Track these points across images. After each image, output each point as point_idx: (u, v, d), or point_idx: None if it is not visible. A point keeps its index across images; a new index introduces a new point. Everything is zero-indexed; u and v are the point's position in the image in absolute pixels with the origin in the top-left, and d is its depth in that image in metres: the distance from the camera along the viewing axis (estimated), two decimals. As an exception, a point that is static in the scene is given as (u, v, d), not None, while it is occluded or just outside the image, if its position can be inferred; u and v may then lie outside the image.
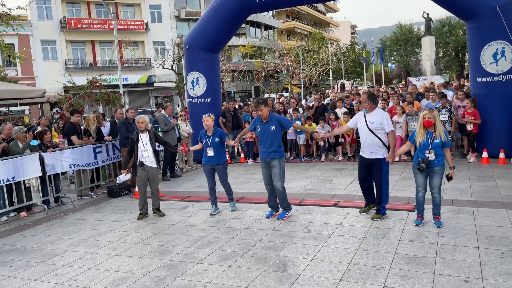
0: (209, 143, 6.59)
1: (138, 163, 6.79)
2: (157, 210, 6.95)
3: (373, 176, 5.77)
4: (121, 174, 7.13)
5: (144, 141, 6.78)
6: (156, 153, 6.88)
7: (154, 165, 6.85)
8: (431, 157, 5.17)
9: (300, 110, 11.75)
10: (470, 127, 9.23)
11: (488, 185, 7.20)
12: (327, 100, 16.56)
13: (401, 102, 10.58)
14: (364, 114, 5.76)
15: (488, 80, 9.21)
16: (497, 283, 3.79)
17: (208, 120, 6.63)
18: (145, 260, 5.00)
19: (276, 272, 4.40)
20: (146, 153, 6.75)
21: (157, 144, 7.00)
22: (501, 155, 8.84)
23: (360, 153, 5.90)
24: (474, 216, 5.67)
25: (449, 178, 5.23)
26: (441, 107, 9.49)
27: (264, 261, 4.70)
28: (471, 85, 10.11)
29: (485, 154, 9.02)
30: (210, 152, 6.57)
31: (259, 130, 6.12)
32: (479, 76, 9.36)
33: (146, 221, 6.67)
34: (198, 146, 6.93)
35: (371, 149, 5.65)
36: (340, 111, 11.19)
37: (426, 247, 4.73)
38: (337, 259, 4.61)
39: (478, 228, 5.19)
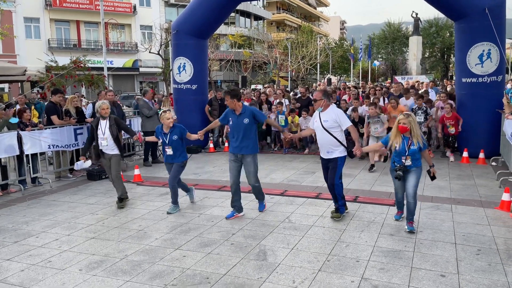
0: (167, 142, 6.04)
1: (99, 151, 6.48)
2: (118, 201, 6.50)
3: (328, 175, 5.56)
4: (79, 160, 6.60)
5: (103, 128, 6.38)
6: (118, 140, 6.45)
7: (115, 152, 6.46)
8: (408, 162, 5.00)
9: (286, 101, 11.68)
10: (452, 130, 9.20)
11: (467, 184, 7.32)
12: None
13: (386, 100, 10.62)
14: (319, 113, 5.50)
15: (472, 81, 9.33)
16: (472, 279, 3.85)
17: (170, 118, 6.03)
18: (123, 244, 4.92)
19: (255, 260, 4.38)
20: (105, 142, 6.35)
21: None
22: (481, 155, 9.00)
23: (320, 154, 5.69)
24: (452, 213, 5.75)
25: (432, 177, 5.10)
26: (417, 108, 9.40)
27: (244, 249, 4.68)
28: (456, 85, 10.23)
29: (465, 154, 9.16)
30: (169, 151, 6.04)
31: (231, 122, 5.70)
32: (464, 77, 9.48)
33: (126, 205, 6.56)
34: (153, 138, 6.53)
35: (327, 148, 5.44)
36: None
37: (404, 241, 4.78)
38: (317, 249, 4.62)
39: (456, 225, 5.27)
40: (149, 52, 25.98)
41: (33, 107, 11.19)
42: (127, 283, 3.94)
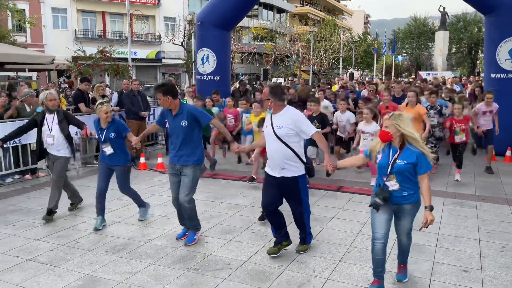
0: (103, 138, 5.10)
1: (43, 150, 5.49)
2: (47, 213, 5.40)
3: (288, 202, 4.27)
4: None
5: (50, 123, 5.38)
6: (68, 138, 5.47)
7: (62, 154, 5.44)
8: (393, 185, 3.33)
9: None
10: (461, 138, 7.12)
11: (493, 181, 7.18)
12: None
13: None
14: (271, 116, 4.19)
15: (502, 76, 9.10)
16: (496, 275, 3.81)
17: (107, 111, 5.03)
18: (147, 229, 5.05)
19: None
20: (51, 140, 5.35)
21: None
22: (508, 153, 8.80)
23: (266, 170, 4.28)
24: (476, 210, 5.67)
25: (426, 224, 3.31)
26: (429, 107, 7.66)
27: (265, 237, 4.73)
28: (484, 80, 9.99)
29: (491, 151, 8.94)
30: (107, 150, 5.06)
31: (167, 125, 4.67)
32: (494, 72, 9.26)
33: (149, 192, 6.70)
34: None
35: (282, 164, 4.07)
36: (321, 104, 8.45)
37: (427, 236, 4.73)
38: (338, 241, 4.63)
39: (480, 222, 5.20)
40: (173, 43, 26.24)
41: (61, 95, 11.49)
42: (151, 266, 4.06)
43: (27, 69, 16.50)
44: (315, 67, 39.28)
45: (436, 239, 4.63)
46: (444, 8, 38.14)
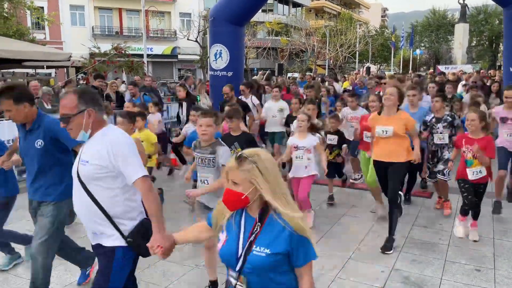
0: None
1: None
2: None
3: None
4: None
5: None
6: None
7: None
8: None
9: (255, 100, 8.20)
10: (477, 172, 4.50)
11: (509, 179, 6.98)
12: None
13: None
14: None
15: (521, 70, 8.85)
16: (509, 275, 3.73)
17: None
18: (158, 225, 5.10)
19: (285, 246, 4.42)
20: None
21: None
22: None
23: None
24: (492, 208, 5.53)
25: None
26: (434, 120, 5.21)
27: (274, 234, 4.72)
28: (504, 75, 9.74)
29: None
30: None
31: (19, 142, 3.33)
32: (513, 66, 9.01)
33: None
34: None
35: (93, 227, 2.51)
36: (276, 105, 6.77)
37: (439, 234, 4.67)
38: (348, 238, 4.60)
39: (495, 220, 5.09)
40: (187, 39, 26.34)
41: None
42: (160, 262, 4.09)
43: (45, 66, 16.80)
44: (330, 61, 38.96)
45: (448, 237, 4.56)
46: (464, 0, 37.27)
